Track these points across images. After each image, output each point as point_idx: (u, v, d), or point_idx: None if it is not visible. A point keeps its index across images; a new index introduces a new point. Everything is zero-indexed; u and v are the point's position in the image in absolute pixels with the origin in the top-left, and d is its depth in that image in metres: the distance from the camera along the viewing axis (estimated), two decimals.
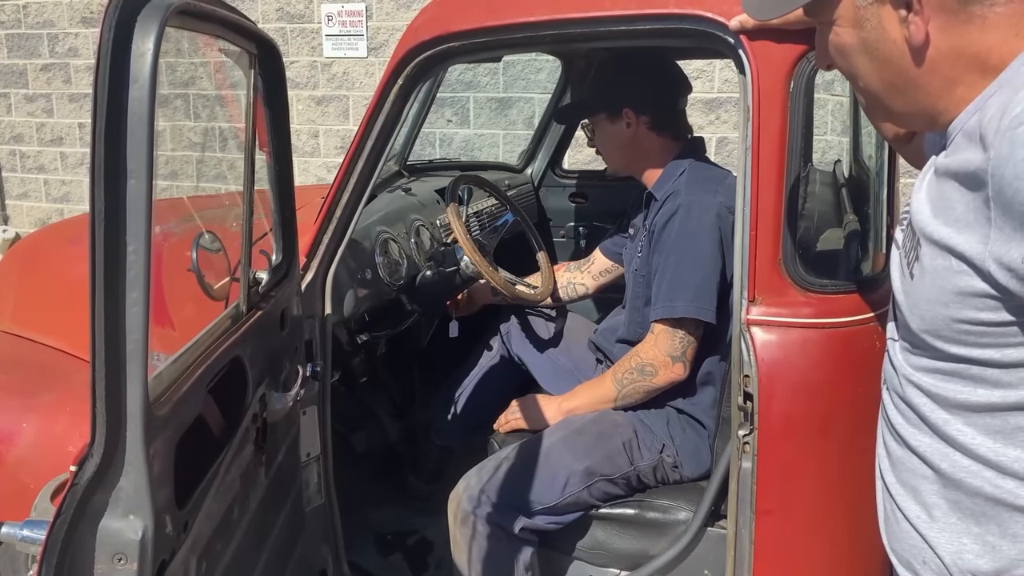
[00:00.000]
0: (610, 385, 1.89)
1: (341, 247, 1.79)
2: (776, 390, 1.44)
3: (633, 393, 1.86)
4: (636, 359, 1.85)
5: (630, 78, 1.98)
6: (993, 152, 0.77)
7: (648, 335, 1.84)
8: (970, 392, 0.89)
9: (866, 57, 0.93)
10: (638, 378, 1.84)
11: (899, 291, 0.98)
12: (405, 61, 1.69)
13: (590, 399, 1.95)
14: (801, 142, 1.43)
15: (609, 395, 1.90)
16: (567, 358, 2.25)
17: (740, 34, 1.43)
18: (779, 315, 1.45)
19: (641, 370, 1.83)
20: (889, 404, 1.06)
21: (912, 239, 0.93)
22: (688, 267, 1.76)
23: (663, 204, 1.87)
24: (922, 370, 0.95)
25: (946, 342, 0.89)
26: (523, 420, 2.04)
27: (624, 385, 1.86)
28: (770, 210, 1.44)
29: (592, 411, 1.93)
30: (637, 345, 1.87)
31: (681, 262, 1.77)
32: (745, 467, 1.47)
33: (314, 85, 5.35)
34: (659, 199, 1.90)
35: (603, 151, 2.07)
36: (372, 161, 1.75)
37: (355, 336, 2.04)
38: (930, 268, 0.88)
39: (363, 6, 5.10)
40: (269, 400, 1.52)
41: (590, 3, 1.57)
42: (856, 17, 0.92)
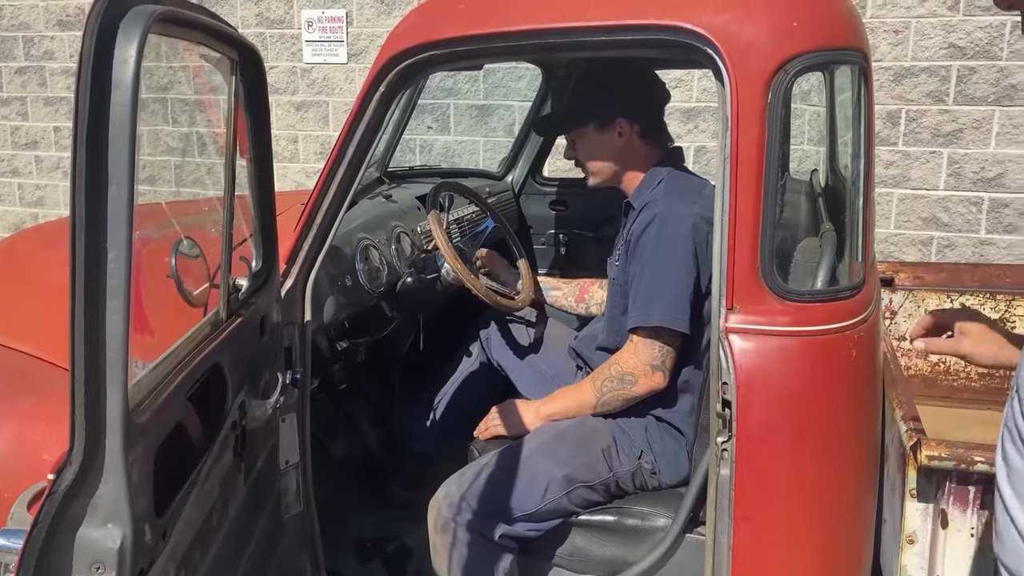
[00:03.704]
0: (590, 392, 1.90)
1: (321, 253, 1.79)
2: (754, 397, 1.46)
3: (612, 401, 1.87)
4: (616, 368, 1.85)
5: (623, 87, 1.98)
6: None
7: (627, 344, 1.85)
8: None
9: None
10: (618, 387, 1.85)
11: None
12: (387, 68, 1.70)
13: (569, 405, 1.95)
14: (779, 152, 1.45)
15: (589, 402, 1.90)
16: (547, 364, 2.26)
17: (719, 44, 1.45)
18: (757, 323, 1.47)
19: (621, 379, 1.84)
20: (1016, 414, 0.98)
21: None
22: (663, 277, 1.77)
23: (640, 213, 1.88)
24: None
25: None
26: (503, 427, 2.03)
27: (604, 393, 1.87)
28: (748, 219, 1.46)
29: (570, 417, 1.93)
30: (616, 353, 1.88)
31: (656, 272, 1.78)
32: (723, 474, 1.49)
33: (293, 91, 5.33)
34: (636, 208, 1.91)
35: (590, 162, 2.04)
36: (353, 168, 1.75)
37: (335, 343, 2.03)
38: None
39: (343, 12, 5.09)
40: (248, 407, 1.52)
41: (572, 13, 1.59)
42: None
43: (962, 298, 2.58)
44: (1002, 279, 2.57)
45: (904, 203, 4.16)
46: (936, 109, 4.00)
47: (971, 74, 3.94)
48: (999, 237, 4.05)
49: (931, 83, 3.98)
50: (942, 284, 2.60)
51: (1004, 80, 3.90)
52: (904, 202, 4.16)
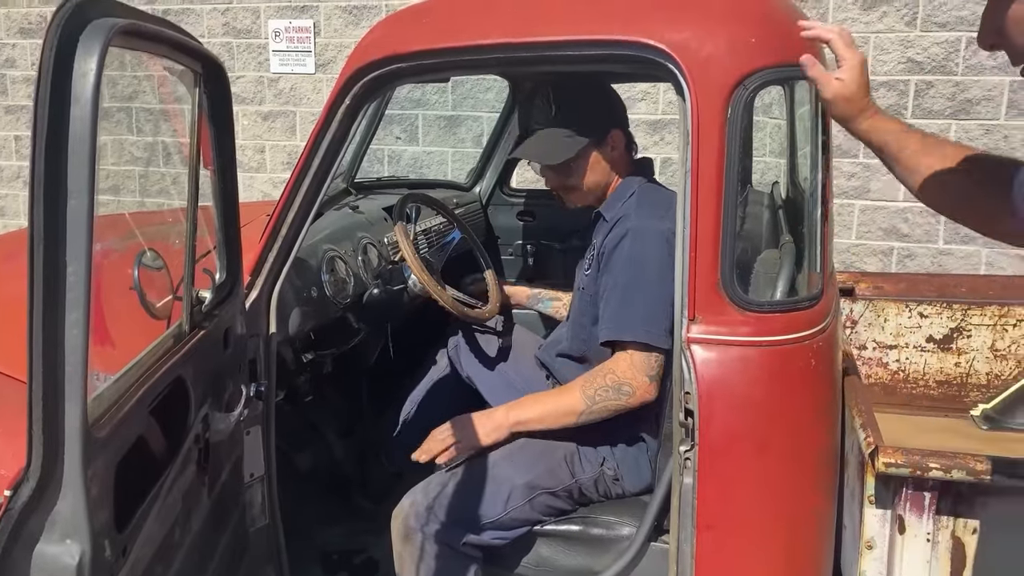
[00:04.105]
0: (578, 399, 1.80)
1: (286, 265, 1.79)
2: (716, 407, 1.48)
3: (603, 411, 1.80)
4: (612, 377, 1.78)
5: (610, 96, 1.97)
6: None
7: (621, 355, 1.79)
8: None
9: None
10: (613, 396, 1.78)
11: None
12: (353, 80, 1.71)
13: (547, 411, 1.85)
14: (739, 165, 1.48)
15: (575, 409, 1.81)
16: (517, 373, 2.25)
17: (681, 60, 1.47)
18: (718, 334, 1.49)
19: (618, 389, 1.78)
20: None
21: None
22: (637, 292, 1.76)
23: (613, 227, 1.87)
24: None
25: None
26: (456, 446, 1.87)
27: (596, 401, 1.79)
28: (709, 231, 1.49)
29: (547, 426, 1.85)
30: (608, 363, 1.80)
31: (630, 287, 1.77)
32: (686, 482, 1.51)
33: (260, 100, 5.31)
34: (609, 220, 1.91)
35: (584, 182, 1.94)
36: (319, 179, 1.76)
37: (300, 355, 2.02)
38: None
39: (311, 22, 5.08)
40: (212, 420, 1.51)
41: (538, 28, 1.61)
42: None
43: (920, 307, 2.64)
44: (958, 289, 2.63)
45: (865, 214, 4.24)
46: None
47: (928, 88, 4.03)
48: (957, 247, 4.14)
49: (890, 97, 4.07)
50: (901, 294, 2.66)
51: (960, 95, 3.99)
52: (865, 213, 4.24)
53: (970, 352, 2.64)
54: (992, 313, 2.59)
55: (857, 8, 4.07)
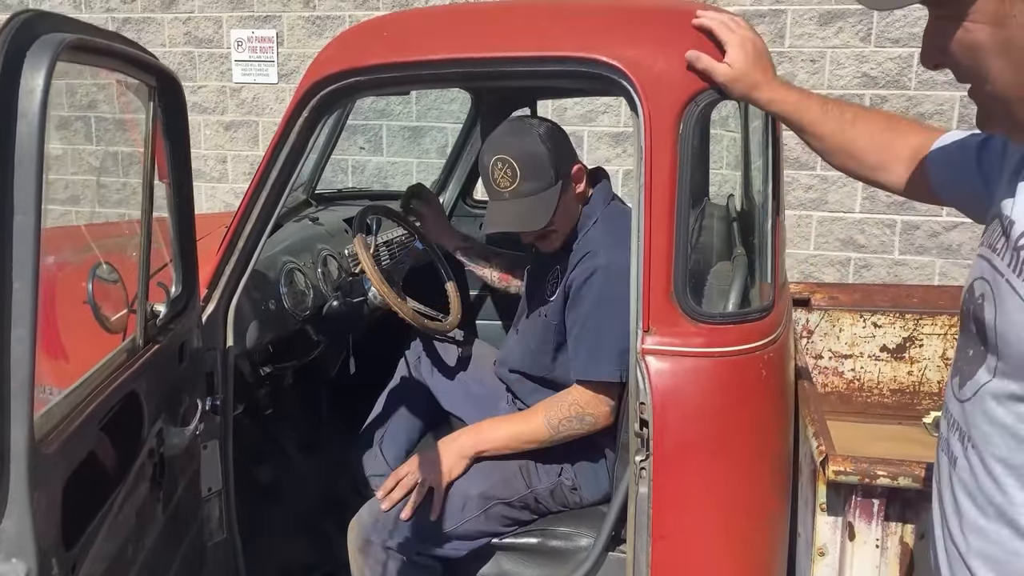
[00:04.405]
0: (542, 429, 1.83)
1: (244, 278, 1.78)
2: (669, 417, 1.50)
3: (565, 438, 1.83)
4: (576, 408, 1.82)
5: (560, 136, 1.91)
6: None
7: (587, 385, 1.82)
8: None
9: (1003, 59, 0.81)
10: (577, 426, 1.82)
11: (1018, 330, 0.85)
12: (311, 93, 1.71)
13: (511, 437, 1.86)
14: (690, 180, 1.51)
15: (539, 437, 1.84)
16: (478, 384, 2.25)
17: (635, 76, 1.50)
18: (672, 345, 1.52)
19: (581, 419, 1.82)
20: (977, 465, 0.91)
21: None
22: (608, 330, 1.76)
23: (581, 259, 1.83)
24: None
25: None
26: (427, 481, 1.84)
27: (559, 431, 1.82)
28: (662, 245, 1.51)
29: (511, 450, 1.85)
30: (573, 393, 1.83)
31: (601, 326, 1.77)
32: (642, 492, 1.52)
33: (222, 110, 5.27)
34: (577, 252, 1.87)
35: (558, 226, 1.89)
36: (276, 191, 1.76)
37: (258, 368, 2.02)
38: None
39: (274, 32, 5.06)
40: (167, 435, 1.50)
41: (495, 44, 1.63)
42: (999, 13, 0.80)
43: (874, 317, 2.69)
44: (910, 299, 2.70)
45: (823, 225, 4.32)
46: None
47: (883, 102, 4.12)
48: (911, 258, 4.24)
49: None
50: (856, 304, 2.71)
51: (913, 108, 4.09)
52: (823, 224, 4.32)
53: (922, 361, 2.70)
54: (943, 323, 2.66)
55: (814, 24, 4.15)
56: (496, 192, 1.87)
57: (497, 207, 1.88)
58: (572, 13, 1.66)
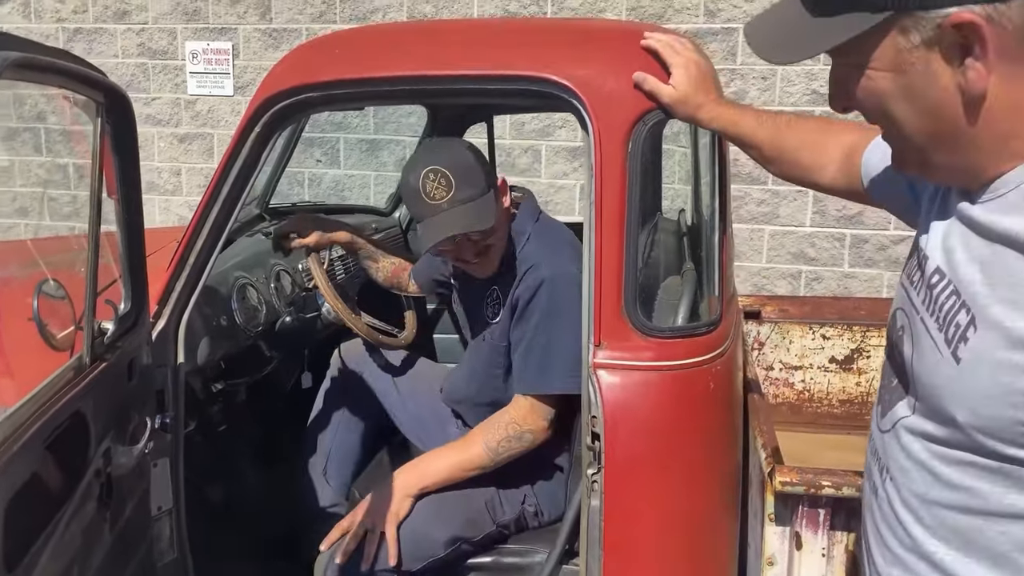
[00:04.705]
0: (480, 453, 1.81)
1: (195, 293, 1.76)
2: (620, 430, 1.52)
3: (507, 459, 1.82)
4: (514, 427, 1.80)
5: (478, 149, 1.89)
6: None
7: (522, 401, 1.82)
8: (1016, 497, 0.77)
9: (906, 104, 0.81)
10: (515, 445, 1.81)
11: (930, 371, 0.84)
12: (264, 108, 1.71)
13: (452, 468, 1.83)
14: (639, 197, 1.53)
15: (479, 463, 1.82)
16: (428, 409, 2.20)
17: (583, 94, 1.52)
18: (623, 359, 1.54)
19: (519, 438, 1.80)
20: (895, 497, 0.91)
21: (954, 310, 0.81)
22: (558, 342, 1.76)
23: (525, 275, 1.82)
24: (953, 463, 0.82)
25: (1003, 443, 0.77)
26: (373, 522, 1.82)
27: (500, 453, 1.81)
28: (613, 260, 1.53)
29: (454, 480, 1.83)
30: (509, 411, 1.82)
31: (551, 339, 1.77)
32: (594, 505, 1.54)
33: (177, 122, 5.21)
34: (518, 269, 1.86)
35: (496, 236, 1.86)
36: (228, 206, 1.75)
37: (210, 384, 2.00)
38: (993, 360, 0.76)
39: (230, 44, 5.02)
40: (115, 454, 1.48)
41: (448, 62, 1.64)
42: (898, 61, 0.79)
43: (823, 329, 2.75)
44: (858, 311, 2.76)
45: (775, 239, 4.41)
46: None
47: (831, 117, 4.22)
48: (860, 271, 4.34)
49: None
50: (805, 316, 2.77)
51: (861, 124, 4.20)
52: (775, 238, 4.41)
53: (870, 372, 2.76)
54: None
55: None
56: (432, 206, 1.77)
57: (436, 220, 1.78)
58: (525, 32, 1.69)
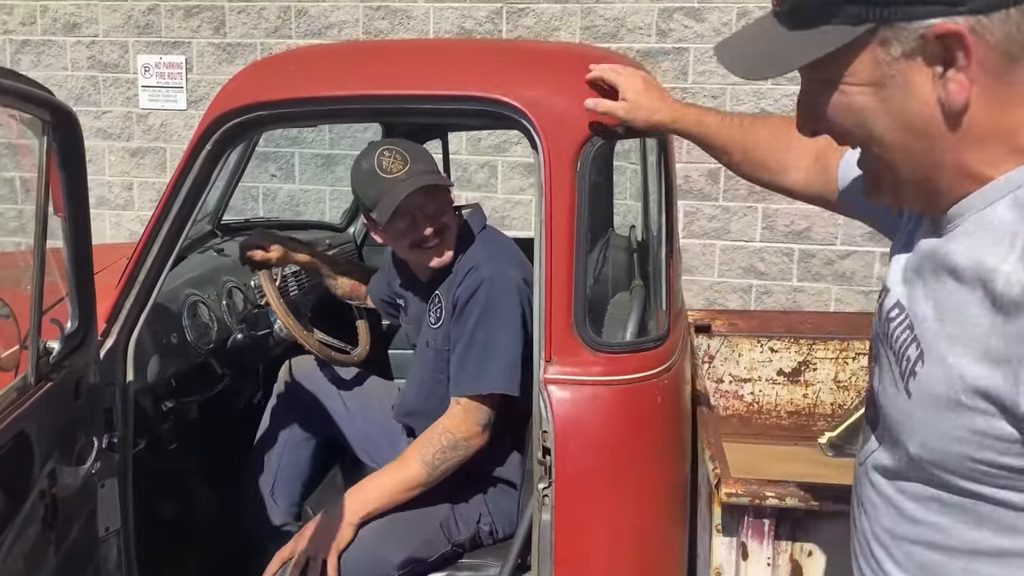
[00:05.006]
0: (419, 470, 1.79)
1: (145, 311, 1.75)
2: (570, 444, 1.55)
3: (447, 471, 1.80)
4: (448, 436, 1.79)
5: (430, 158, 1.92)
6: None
7: (455, 408, 1.81)
8: (976, 534, 0.76)
9: (883, 119, 0.78)
10: (452, 455, 1.79)
11: (890, 404, 0.83)
12: (215, 126, 1.71)
13: (392, 490, 1.80)
14: (588, 216, 1.57)
15: (418, 480, 1.79)
16: (378, 426, 2.20)
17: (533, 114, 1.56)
18: (572, 374, 1.57)
19: (454, 447, 1.79)
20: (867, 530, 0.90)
21: (907, 344, 0.80)
22: (497, 341, 1.78)
23: (465, 277, 1.84)
24: (917, 499, 0.81)
25: (956, 476, 0.76)
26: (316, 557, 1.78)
27: (437, 466, 1.78)
28: (562, 277, 1.56)
29: (397, 502, 1.81)
30: (441, 421, 1.81)
31: (490, 337, 1.78)
32: (545, 519, 1.56)
33: (128, 136, 5.14)
34: (459, 272, 1.88)
35: (450, 220, 1.91)
36: (179, 223, 1.74)
37: (160, 403, 1.97)
38: (936, 395, 0.75)
39: (183, 58, 4.98)
40: (60, 475, 1.46)
41: (399, 82, 1.66)
42: (876, 75, 0.77)
43: (770, 343, 2.82)
44: (804, 325, 2.83)
45: (725, 254, 4.49)
46: None
47: None
48: (809, 285, 4.44)
49: None
50: (753, 330, 2.83)
51: None
52: (725, 253, 4.49)
53: (816, 384, 2.83)
54: (834, 347, 2.80)
55: (714, 62, 4.34)
56: (391, 180, 1.81)
57: (397, 190, 1.80)
58: (477, 53, 1.72)
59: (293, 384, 2.28)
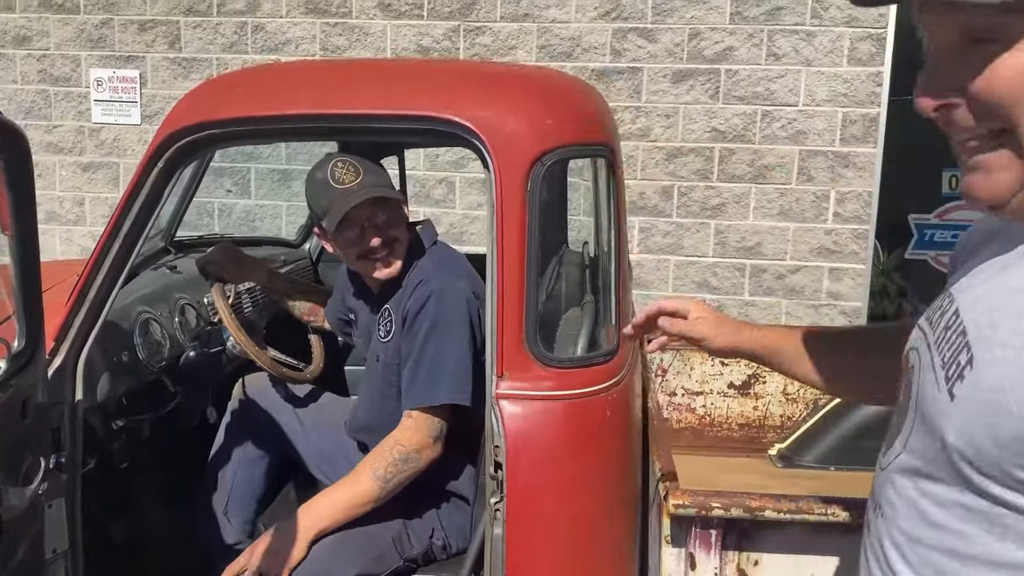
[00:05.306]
0: (370, 485, 1.78)
1: (95, 329, 1.74)
2: (522, 459, 1.57)
3: (398, 485, 1.80)
4: (399, 449, 1.79)
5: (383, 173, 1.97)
6: None
7: (406, 421, 1.81)
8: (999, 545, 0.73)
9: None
10: (403, 468, 1.79)
11: (928, 404, 0.80)
12: (166, 144, 1.71)
13: (344, 506, 1.80)
14: (539, 233, 1.60)
15: (370, 495, 1.79)
16: (331, 443, 2.19)
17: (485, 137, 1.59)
18: (524, 389, 1.59)
19: (405, 460, 1.79)
20: (884, 534, 0.87)
21: (958, 350, 0.77)
22: (446, 353, 1.79)
23: (415, 290, 1.86)
24: (943, 504, 0.78)
25: (986, 478, 0.73)
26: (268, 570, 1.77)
27: (388, 480, 1.78)
28: (514, 294, 1.59)
29: (350, 518, 1.80)
30: (394, 434, 1.81)
31: (440, 349, 1.80)
32: (497, 533, 1.58)
33: (80, 151, 5.07)
34: (408, 285, 1.90)
35: (398, 240, 1.93)
36: (130, 241, 1.74)
37: (111, 421, 1.95)
38: (985, 400, 0.73)
39: (137, 73, 4.93)
40: (5, 495, 1.44)
41: (351, 101, 1.68)
42: None
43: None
44: None
45: (679, 268, 4.57)
46: (703, 185, 4.45)
47: (731, 155, 4.43)
48: (760, 299, 4.53)
49: (698, 162, 4.43)
50: None
51: (757, 161, 4.41)
52: (679, 268, 4.57)
53: (766, 396, 2.90)
54: None
55: (667, 82, 4.43)
56: (343, 190, 1.85)
57: (348, 199, 1.84)
58: (430, 74, 1.74)
59: (247, 401, 2.27)
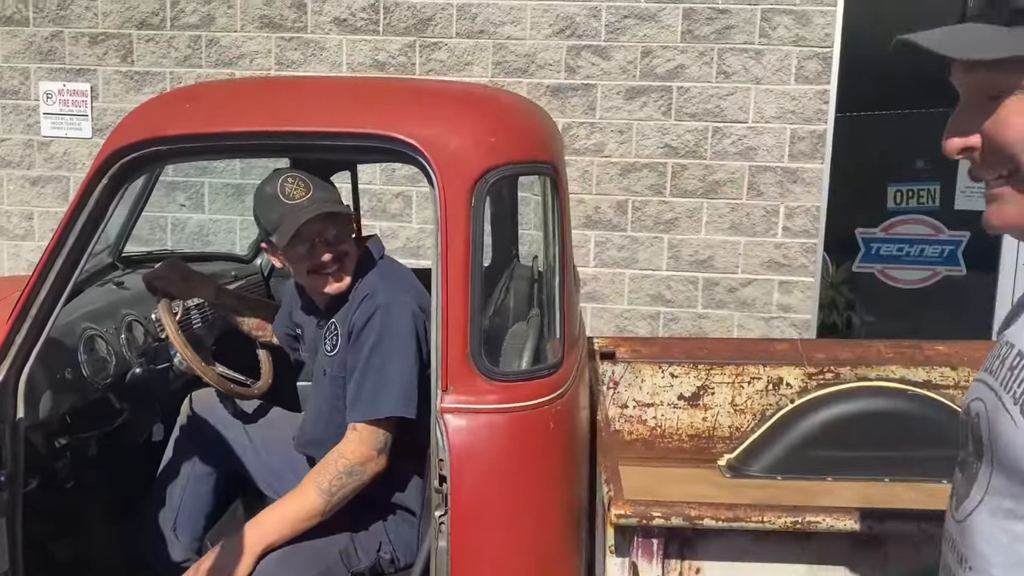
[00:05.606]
0: (316, 499, 1.78)
1: (37, 346, 1.73)
2: (466, 472, 1.59)
3: (343, 498, 1.80)
4: (343, 462, 1.79)
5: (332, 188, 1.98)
6: None
7: (351, 434, 1.82)
8: None
9: None
10: (348, 481, 1.79)
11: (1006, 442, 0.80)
12: (112, 160, 1.71)
13: (290, 521, 1.79)
14: (482, 249, 1.63)
15: (316, 509, 1.79)
16: (278, 457, 2.19)
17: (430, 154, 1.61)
18: (468, 402, 1.61)
19: (350, 472, 1.79)
20: None
21: None
22: (392, 366, 1.81)
23: (361, 303, 1.88)
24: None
25: None
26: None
27: (333, 494, 1.78)
28: (458, 309, 1.61)
29: (298, 533, 1.80)
30: (338, 447, 1.82)
31: (385, 362, 1.81)
32: (442, 546, 1.59)
33: (29, 165, 4.99)
34: (354, 299, 1.91)
35: (348, 255, 1.95)
36: (74, 257, 1.73)
37: (54, 439, 1.93)
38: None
39: (88, 86, 4.88)
40: None
41: (297, 118, 1.70)
42: None
43: (671, 368, 2.92)
44: (702, 351, 2.95)
45: (634, 282, 4.63)
46: (656, 200, 4.52)
47: (683, 170, 4.51)
48: (712, 311, 4.61)
49: (651, 177, 4.51)
50: (655, 356, 2.93)
51: (709, 176, 4.50)
52: (634, 281, 4.63)
53: (715, 407, 2.95)
54: (730, 372, 2.92)
55: (620, 98, 4.50)
56: (292, 205, 1.87)
57: (298, 215, 1.85)
58: (374, 92, 1.77)
59: (195, 418, 2.26)
